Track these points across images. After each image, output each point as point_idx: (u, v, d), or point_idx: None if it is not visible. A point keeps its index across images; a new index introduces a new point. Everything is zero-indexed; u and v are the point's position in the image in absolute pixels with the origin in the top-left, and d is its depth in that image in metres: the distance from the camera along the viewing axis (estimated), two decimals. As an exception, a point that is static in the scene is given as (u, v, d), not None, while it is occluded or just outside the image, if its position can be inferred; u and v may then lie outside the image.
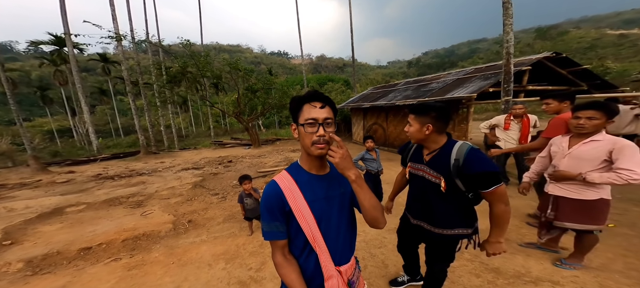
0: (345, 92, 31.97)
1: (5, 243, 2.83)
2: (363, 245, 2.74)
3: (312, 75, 53.97)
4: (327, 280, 0.84)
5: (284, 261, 0.83)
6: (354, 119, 11.40)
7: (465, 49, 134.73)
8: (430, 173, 1.31)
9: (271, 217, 0.82)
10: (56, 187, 5.71)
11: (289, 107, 0.88)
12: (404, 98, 7.96)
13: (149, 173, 6.75)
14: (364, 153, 3.59)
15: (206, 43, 29.31)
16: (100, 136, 24.36)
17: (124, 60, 12.16)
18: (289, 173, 0.86)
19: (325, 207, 0.86)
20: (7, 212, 3.97)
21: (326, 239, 0.84)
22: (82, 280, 2.21)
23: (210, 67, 10.06)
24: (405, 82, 10.83)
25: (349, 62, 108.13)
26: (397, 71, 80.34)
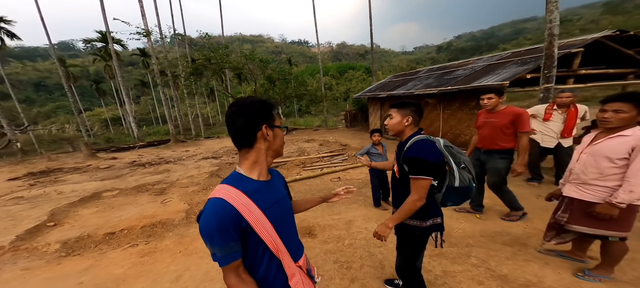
0: (366, 80, 30.64)
1: (49, 225, 3.32)
2: (363, 243, 2.64)
3: (332, 64, 52.66)
4: (291, 279, 0.87)
5: (239, 282, 0.78)
6: (371, 109, 11.08)
7: (509, 29, 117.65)
8: (394, 161, 1.46)
9: (227, 239, 0.74)
10: (99, 172, 6.56)
11: (264, 108, 0.85)
12: (425, 87, 7.41)
13: (174, 162, 7.36)
14: (370, 147, 3.42)
15: (229, 34, 29.92)
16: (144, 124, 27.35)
17: (154, 54, 13.09)
18: (232, 186, 0.78)
19: (278, 211, 0.87)
20: (57, 194, 4.67)
21: (285, 242, 0.86)
22: (102, 264, 2.47)
23: (228, 59, 10.33)
24: (427, 69, 10.19)
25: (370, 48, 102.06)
26: (424, 57, 74.77)
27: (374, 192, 3.57)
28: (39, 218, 3.47)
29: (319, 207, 3.85)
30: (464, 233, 2.67)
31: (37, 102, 45.64)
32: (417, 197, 1.26)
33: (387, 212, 3.46)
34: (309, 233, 3.01)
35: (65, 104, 40.03)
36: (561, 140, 3.42)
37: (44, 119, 30.26)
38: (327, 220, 3.40)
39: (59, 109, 40.34)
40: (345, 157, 6.89)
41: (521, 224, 2.72)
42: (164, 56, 14.56)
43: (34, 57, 66.86)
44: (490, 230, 2.68)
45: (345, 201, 4.07)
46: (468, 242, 2.45)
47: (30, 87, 52.31)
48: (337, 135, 11.18)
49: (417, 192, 1.26)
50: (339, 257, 2.44)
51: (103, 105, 34.20)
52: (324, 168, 5.84)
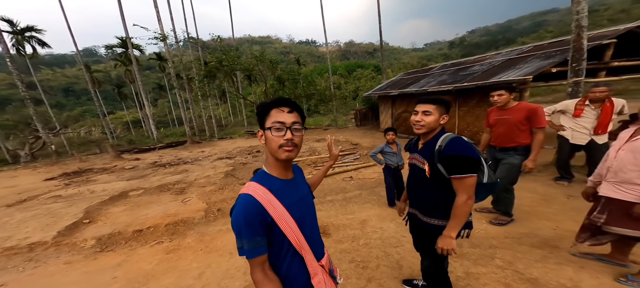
0: (375, 78, 30.33)
1: (85, 222, 3.61)
2: (378, 243, 2.65)
3: (340, 63, 52.38)
4: (313, 277, 0.88)
5: (264, 278, 0.80)
6: (382, 107, 10.95)
7: (528, 22, 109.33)
8: (419, 160, 1.38)
9: (253, 233, 0.77)
10: (124, 172, 6.99)
11: (256, 113, 0.89)
12: (439, 84, 7.27)
13: (192, 162, 7.68)
14: (384, 146, 3.42)
15: (238, 36, 30.60)
16: (161, 126, 28.66)
17: (170, 57, 13.64)
18: (259, 183, 0.83)
19: (301, 209, 0.89)
20: (90, 193, 5.04)
21: (307, 239, 0.87)
22: (133, 260, 2.67)
23: (239, 60, 10.58)
24: (441, 65, 9.93)
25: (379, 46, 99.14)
26: (436, 53, 72.24)
27: (389, 191, 3.55)
28: (76, 215, 3.78)
29: (332, 207, 3.90)
30: (486, 234, 2.59)
31: (67, 106, 49.04)
32: (467, 196, 1.21)
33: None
34: (323, 233, 3.05)
35: (91, 107, 42.72)
36: (594, 137, 3.21)
37: (73, 122, 32.55)
38: (340, 219, 3.43)
39: (86, 113, 43.10)
40: (356, 156, 6.86)
41: (551, 226, 2.61)
42: (178, 60, 15.15)
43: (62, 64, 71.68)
44: (515, 231, 2.58)
45: (358, 200, 4.09)
46: (491, 243, 2.38)
47: (60, 93, 56.24)
48: (347, 135, 11.13)
49: (465, 191, 1.21)
50: (355, 257, 2.46)
51: (124, 108, 36.15)
52: (335, 168, 5.85)
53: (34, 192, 5.57)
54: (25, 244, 2.92)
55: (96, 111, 35.92)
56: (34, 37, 19.66)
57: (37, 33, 19.60)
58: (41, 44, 20.23)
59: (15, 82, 11.54)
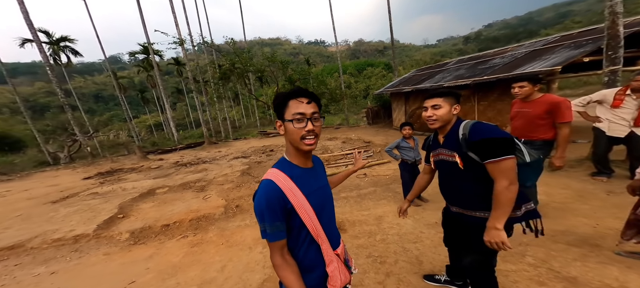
0: (386, 76, 29.99)
1: (119, 217, 3.93)
2: (396, 239, 2.65)
3: (350, 62, 51.80)
4: (328, 265, 0.90)
5: (283, 262, 0.83)
6: (394, 104, 10.85)
7: (551, 13, 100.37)
8: (446, 154, 1.32)
9: (274, 218, 0.80)
10: (151, 172, 7.48)
11: (273, 104, 0.89)
12: (455, 78, 7.10)
13: (210, 162, 8.04)
14: (400, 141, 3.38)
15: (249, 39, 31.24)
16: (180, 129, 30.15)
17: (187, 61, 14.26)
18: (280, 170, 0.85)
19: (319, 198, 0.90)
20: (122, 190, 5.46)
21: (324, 228, 0.89)
22: (162, 253, 2.88)
23: (252, 62, 10.87)
24: (457, 60, 9.68)
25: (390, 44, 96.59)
26: (450, 49, 69.24)
27: (405, 187, 3.51)
28: (111, 210, 4.13)
29: (346, 203, 3.91)
30: (515, 230, 2.48)
31: (97, 111, 53.08)
32: (508, 181, 1.09)
33: (419, 208, 3.38)
34: (338, 228, 3.07)
35: (118, 112, 45.87)
36: (635, 129, 2.95)
37: (103, 126, 35.14)
38: (356, 215, 3.44)
39: (113, 117, 46.39)
40: (370, 153, 6.80)
41: (589, 223, 2.45)
42: (195, 63, 15.83)
43: (91, 72, 77.40)
44: (548, 228, 2.42)
45: (373, 197, 4.07)
46: (521, 240, 2.27)
47: (91, 99, 60.94)
48: (359, 133, 11.06)
49: (505, 176, 1.09)
50: (372, 252, 2.47)
51: (147, 112, 38.43)
52: (349, 165, 5.85)
53: (74, 189, 6.15)
54: (71, 236, 3.26)
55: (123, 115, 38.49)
56: (68, 47, 21.44)
57: (70, 43, 21.35)
58: (74, 53, 22.03)
59: (54, 90, 12.70)
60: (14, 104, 32.34)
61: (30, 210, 4.71)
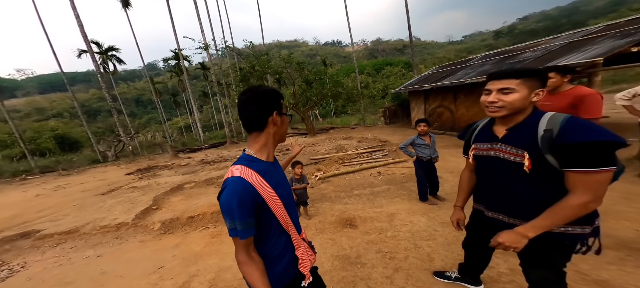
0: (406, 75, 29.05)
1: (154, 208, 4.40)
2: (407, 236, 2.61)
3: (367, 61, 50.70)
4: (297, 249, 0.95)
5: (248, 259, 0.83)
6: (413, 103, 10.59)
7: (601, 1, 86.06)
8: (507, 151, 1.04)
9: (245, 214, 0.79)
10: (180, 169, 8.18)
11: (274, 98, 0.92)
12: (479, 74, 6.82)
13: (231, 160, 8.54)
14: (415, 138, 3.29)
15: (268, 42, 32.27)
16: (206, 130, 32.29)
17: (211, 66, 15.21)
18: (246, 166, 0.86)
19: (285, 188, 0.95)
20: (156, 185, 6.08)
21: (291, 217, 0.94)
22: (187, 242, 3.17)
23: (270, 64, 11.23)
24: (482, 55, 9.21)
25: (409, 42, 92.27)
26: (477, 45, 63.94)
27: (420, 185, 3.40)
28: (147, 202, 4.63)
29: (359, 200, 3.91)
30: None
31: (138, 114, 59.10)
32: (593, 196, 0.87)
33: (435, 207, 3.27)
34: (349, 225, 3.11)
35: (154, 115, 50.53)
36: None
37: (142, 128, 39.08)
38: (368, 212, 3.43)
39: (151, 120, 51.23)
40: (385, 152, 6.65)
41: (632, 227, 2.21)
42: (218, 67, 16.81)
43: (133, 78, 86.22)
44: None
45: (386, 194, 4.00)
46: None
47: (133, 103, 67.97)
48: (375, 132, 10.89)
49: (593, 191, 0.86)
50: (382, 248, 2.47)
51: (178, 115, 41.79)
52: (363, 164, 5.78)
53: (118, 183, 6.99)
54: (114, 224, 3.74)
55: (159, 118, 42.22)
56: (114, 56, 24.20)
57: (116, 52, 24.08)
58: (119, 61, 24.80)
59: (104, 96, 14.50)
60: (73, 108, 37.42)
61: (84, 200, 5.49)
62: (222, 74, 16.95)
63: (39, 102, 63.33)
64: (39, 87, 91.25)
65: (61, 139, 22.50)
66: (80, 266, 2.71)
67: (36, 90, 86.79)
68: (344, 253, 2.51)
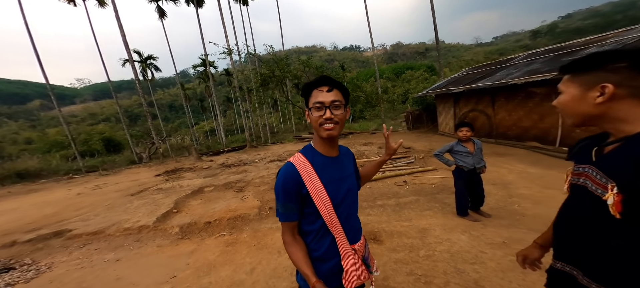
0: (428, 79, 28.16)
1: (174, 211, 4.45)
2: (446, 257, 2.24)
3: (387, 66, 50.09)
4: (344, 259, 0.88)
5: (293, 240, 0.87)
6: (440, 108, 10.02)
7: None
8: (595, 179, 0.68)
9: (288, 199, 0.83)
10: (202, 171, 8.44)
11: (301, 94, 0.94)
12: (527, 74, 6.01)
13: (250, 164, 8.61)
14: (454, 144, 2.87)
15: (287, 47, 33.00)
16: (229, 134, 33.84)
17: (234, 71, 15.83)
18: (304, 155, 0.88)
19: (339, 188, 0.90)
20: (180, 187, 6.26)
21: (341, 220, 0.88)
22: (201, 249, 3.07)
23: (289, 68, 11.41)
24: (527, 54, 8.27)
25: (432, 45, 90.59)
26: (511, 46, 58.70)
27: (460, 198, 2.94)
28: (169, 205, 4.73)
29: (383, 212, 3.54)
30: None
31: (170, 119, 64.17)
32: None
33: (479, 224, 2.80)
34: (373, 239, 2.78)
35: (184, 120, 54.37)
36: None
37: (173, 132, 42.23)
38: (394, 226, 3.06)
39: (181, 124, 55.21)
40: (411, 159, 6.13)
41: None
42: (241, 73, 17.52)
43: (168, 85, 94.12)
44: None
45: (415, 207, 3.56)
46: None
47: (167, 108, 74.10)
48: (397, 138, 10.28)
49: None
50: (414, 269, 2.12)
51: (204, 119, 44.48)
52: (386, 171, 5.34)
53: (147, 184, 7.38)
54: (136, 226, 3.82)
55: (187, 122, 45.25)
56: (152, 64, 26.52)
57: (154, 60, 26.38)
58: (156, 69, 27.13)
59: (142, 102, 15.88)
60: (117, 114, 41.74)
61: (115, 200, 5.82)
62: (244, 79, 17.62)
63: (92, 108, 72.25)
64: (94, 94, 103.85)
65: (107, 141, 25.08)
66: (99, 270, 2.73)
67: (91, 97, 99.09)
68: None
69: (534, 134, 6.06)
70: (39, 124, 51.07)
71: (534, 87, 5.76)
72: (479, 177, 2.85)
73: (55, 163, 15.50)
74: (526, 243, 1.07)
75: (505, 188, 3.85)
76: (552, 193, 3.47)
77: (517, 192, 3.66)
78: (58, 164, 15.44)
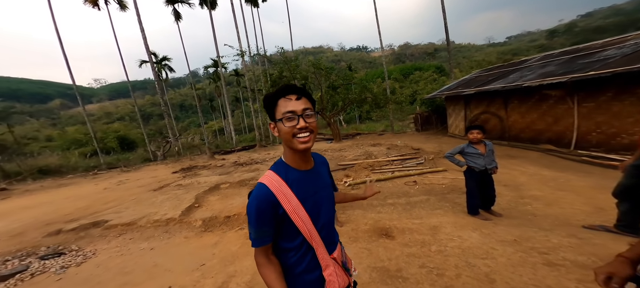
0: (437, 80, 27.50)
1: (196, 206, 4.75)
2: (457, 252, 2.35)
3: (394, 66, 49.70)
4: (325, 270, 0.86)
5: (266, 262, 0.82)
6: (450, 110, 10.00)
7: None
8: None
9: (262, 223, 0.78)
10: (216, 169, 8.79)
11: (263, 105, 0.87)
12: (541, 76, 5.99)
13: (261, 162, 8.91)
14: (465, 146, 2.98)
15: (295, 48, 33.39)
16: (237, 133, 34.52)
17: (245, 72, 16.23)
18: (276, 173, 0.82)
19: (317, 202, 0.87)
20: (197, 183, 6.59)
21: (321, 234, 0.86)
22: (224, 241, 3.32)
23: (299, 69, 11.58)
24: (542, 56, 8.16)
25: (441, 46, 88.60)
26: (526, 46, 56.02)
27: (471, 198, 3.06)
28: (190, 200, 5.04)
29: (394, 210, 3.68)
30: None
31: (181, 118, 65.85)
32: None
33: (490, 222, 2.92)
34: (385, 235, 2.93)
35: (194, 119, 55.78)
36: None
37: (183, 131, 43.46)
38: (405, 223, 3.20)
39: (191, 123, 56.63)
40: (420, 160, 6.21)
41: None
42: (251, 73, 17.93)
43: (179, 85, 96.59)
44: None
45: (425, 205, 3.68)
46: None
47: (177, 108, 76.07)
48: (406, 139, 10.37)
49: None
50: (426, 262, 2.26)
51: (214, 118, 45.46)
52: (395, 172, 5.46)
53: (166, 181, 7.79)
54: (164, 219, 4.13)
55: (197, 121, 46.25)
56: (167, 65, 27.44)
57: (168, 61, 27.29)
58: (170, 69, 28.04)
59: (156, 101, 16.72)
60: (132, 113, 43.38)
61: (140, 195, 6.22)
62: (255, 79, 18.03)
63: (108, 107, 75.09)
64: (109, 94, 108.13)
65: (122, 139, 26.20)
66: (137, 257, 3.02)
67: (106, 97, 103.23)
68: (382, 265, 2.34)
69: (548, 137, 6.03)
70: (59, 122, 53.63)
71: (549, 89, 5.75)
72: (490, 177, 2.94)
73: (74, 161, 16.20)
74: (538, 241, 1.15)
75: (517, 189, 3.91)
76: (564, 195, 3.51)
77: (529, 193, 3.71)
78: (76, 161, 16.16)
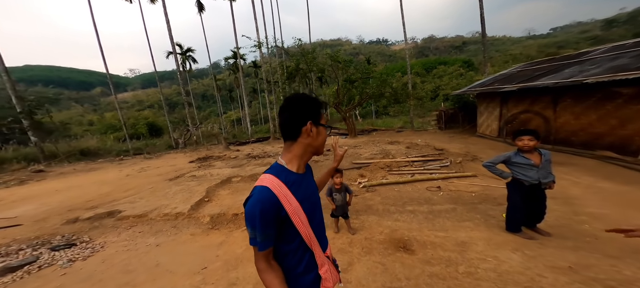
0: (464, 75, 25.92)
1: (206, 200, 4.71)
2: (492, 276, 2.01)
3: (416, 60, 47.95)
4: (320, 268, 0.92)
5: (268, 267, 0.84)
6: (481, 107, 9.15)
7: None
8: None
9: (267, 226, 0.79)
10: (230, 161, 8.85)
11: (313, 105, 0.89)
12: (611, 71, 4.97)
13: (273, 156, 8.80)
14: (513, 154, 2.46)
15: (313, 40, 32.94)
16: (253, 124, 35.19)
17: (263, 64, 16.18)
18: (276, 176, 0.84)
19: (312, 203, 0.92)
20: (210, 175, 6.63)
21: (316, 234, 0.91)
22: (230, 241, 3.19)
23: (316, 62, 11.25)
24: (610, 47, 6.94)
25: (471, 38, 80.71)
26: (574, 38, 49.11)
27: (514, 212, 2.59)
28: (201, 193, 5.03)
29: (414, 218, 3.29)
30: None
31: (202, 108, 68.69)
32: None
33: (534, 242, 2.44)
34: (403, 248, 2.59)
35: (214, 109, 57.81)
36: None
37: (204, 120, 45.28)
38: (427, 235, 2.82)
39: (211, 113, 58.81)
40: (445, 163, 5.61)
41: None
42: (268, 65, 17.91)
43: (202, 76, 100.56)
44: None
45: (452, 216, 3.24)
46: None
47: (199, 98, 79.42)
48: (427, 138, 9.68)
49: None
50: (452, 286, 1.94)
51: (232, 109, 46.71)
52: (416, 174, 4.97)
53: (183, 170, 8.00)
54: (174, 213, 4.13)
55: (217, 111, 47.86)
56: (190, 56, 28.47)
57: (192, 52, 28.28)
58: (193, 60, 29.08)
59: (182, 91, 17.27)
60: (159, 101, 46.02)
61: (157, 184, 6.40)
62: (271, 72, 18.00)
63: (140, 95, 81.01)
64: (142, 83, 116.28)
65: (151, 125, 28.00)
66: (142, 253, 2.99)
67: (140, 86, 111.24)
68: (399, 285, 2.04)
69: (609, 142, 5.13)
70: (99, 108, 58.94)
71: (618, 86, 4.82)
72: (543, 192, 2.43)
73: (109, 144, 17.86)
74: (602, 272, 0.86)
75: (569, 203, 3.30)
76: (635, 215, 2.87)
77: (585, 210, 3.10)
78: (112, 145, 17.75)
